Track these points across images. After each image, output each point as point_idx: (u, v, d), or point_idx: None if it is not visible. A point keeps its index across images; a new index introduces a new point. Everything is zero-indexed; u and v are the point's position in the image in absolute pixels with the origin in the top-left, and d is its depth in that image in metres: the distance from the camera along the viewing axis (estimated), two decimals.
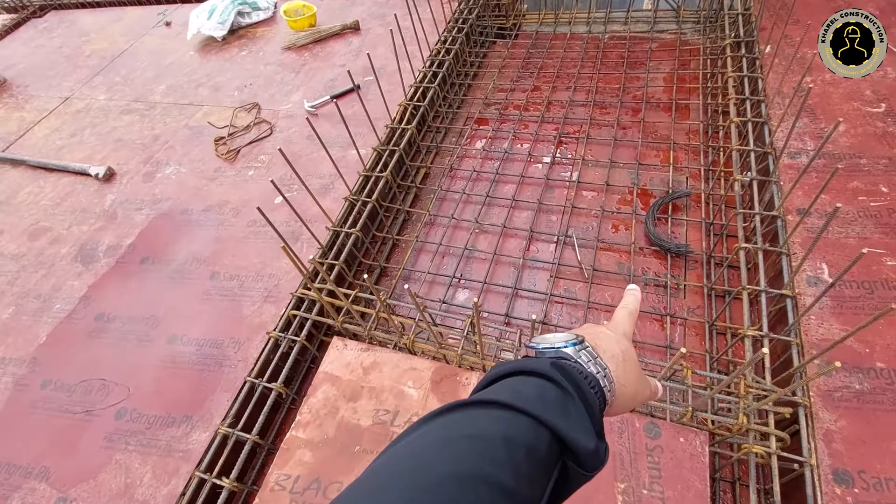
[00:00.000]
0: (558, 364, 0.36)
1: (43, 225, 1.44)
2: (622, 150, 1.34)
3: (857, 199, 0.96)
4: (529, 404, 0.32)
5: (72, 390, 1.04)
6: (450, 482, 0.26)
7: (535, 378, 0.35)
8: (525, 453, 0.29)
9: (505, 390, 0.34)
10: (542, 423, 0.31)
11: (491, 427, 0.30)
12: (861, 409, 0.73)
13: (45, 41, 2.50)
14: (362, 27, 1.92)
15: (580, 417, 0.33)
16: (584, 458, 0.32)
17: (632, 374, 0.41)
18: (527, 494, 0.28)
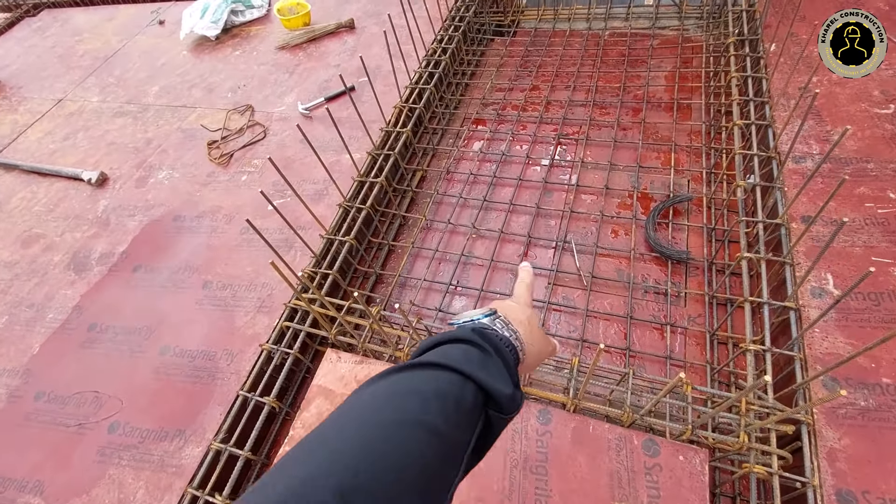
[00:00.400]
0: (478, 330, 0.43)
1: (36, 232, 1.43)
2: (622, 152, 1.31)
3: (864, 205, 0.93)
4: (456, 363, 0.38)
5: (65, 402, 1.03)
6: (394, 425, 0.32)
7: (460, 344, 0.42)
8: (454, 404, 0.35)
9: (436, 355, 0.40)
10: (468, 378, 0.37)
11: (427, 384, 0.36)
12: (866, 426, 0.71)
13: (39, 41, 2.47)
14: (357, 25, 1.88)
15: (499, 371, 0.40)
16: (503, 402, 0.38)
17: (536, 335, 0.50)
18: (456, 437, 0.35)
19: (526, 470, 0.76)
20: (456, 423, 0.35)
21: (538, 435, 0.78)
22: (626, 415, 0.74)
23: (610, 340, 1.00)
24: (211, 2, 1.98)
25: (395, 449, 0.31)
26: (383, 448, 0.31)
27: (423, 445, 0.32)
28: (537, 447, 0.77)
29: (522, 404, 0.42)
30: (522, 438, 0.79)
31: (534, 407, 0.81)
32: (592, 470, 0.74)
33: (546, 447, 0.77)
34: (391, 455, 0.30)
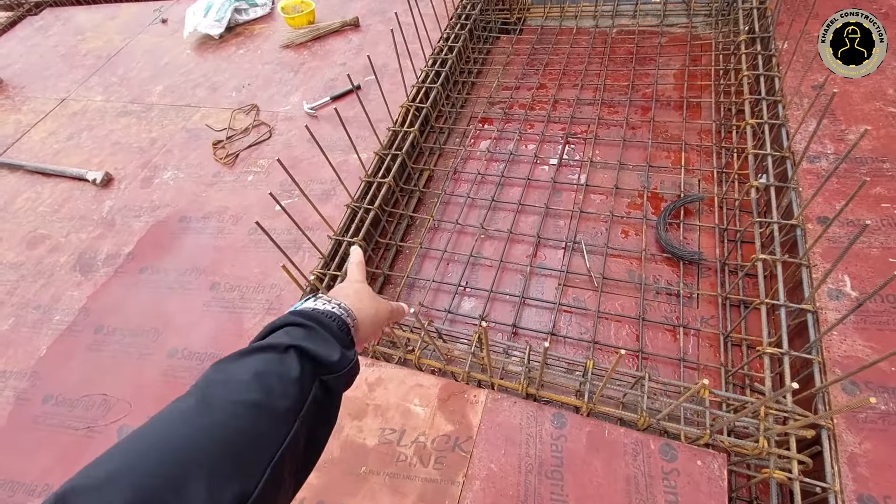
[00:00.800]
0: (297, 312, 0.46)
1: (41, 232, 1.42)
2: (631, 152, 1.30)
3: (880, 206, 0.92)
4: (276, 340, 0.41)
5: (73, 405, 1.02)
6: (222, 403, 0.35)
7: (283, 328, 0.44)
8: (276, 377, 0.38)
9: (255, 343, 0.43)
10: (289, 349, 0.40)
11: (246, 370, 0.38)
12: (887, 430, 0.70)
13: (41, 40, 2.46)
14: (362, 23, 1.87)
15: (323, 339, 0.44)
16: (332, 364, 0.42)
17: (367, 302, 0.55)
18: (280, 405, 0.37)
19: (541, 475, 0.75)
20: (282, 394, 0.37)
21: (553, 439, 0.78)
22: (642, 419, 0.74)
23: (622, 342, 0.99)
24: (214, 0, 1.96)
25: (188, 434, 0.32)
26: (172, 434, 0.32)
27: (232, 421, 0.34)
28: (552, 451, 0.77)
29: (357, 363, 0.46)
30: (537, 442, 0.78)
31: (547, 410, 0.80)
32: (609, 475, 0.73)
33: (561, 451, 0.76)
34: (177, 440, 0.32)
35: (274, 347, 0.40)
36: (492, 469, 0.77)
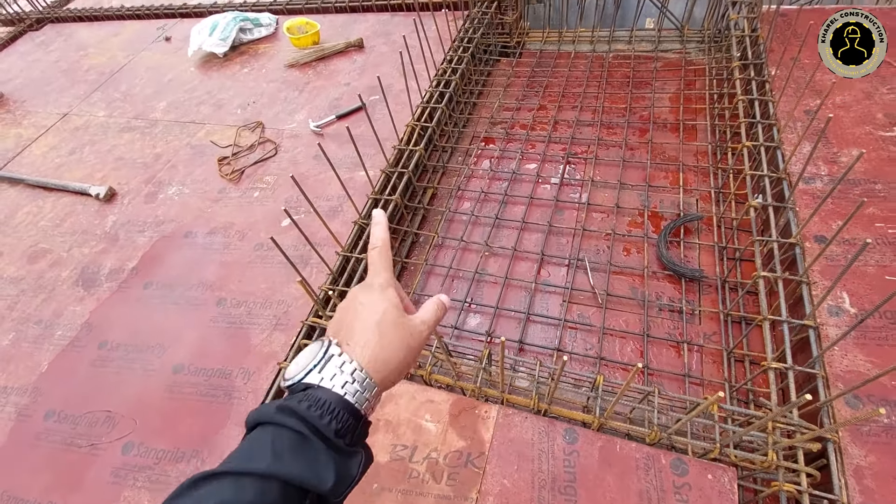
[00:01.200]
0: (287, 408, 0.37)
1: (42, 247, 1.41)
2: (631, 172, 1.33)
3: (874, 225, 0.95)
4: (255, 462, 0.34)
5: (76, 422, 1.00)
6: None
7: (269, 427, 0.37)
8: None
9: (239, 453, 0.37)
10: (270, 477, 0.34)
11: (210, 500, 0.32)
12: (890, 443, 0.72)
13: (43, 55, 2.47)
14: (366, 45, 1.91)
15: (314, 457, 0.36)
16: (325, 494, 0.35)
17: (393, 339, 0.43)
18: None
19: (555, 490, 0.75)
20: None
21: (565, 454, 0.78)
22: (652, 433, 0.75)
23: (627, 358, 1.01)
24: (220, 19, 2.00)
25: None
26: None
27: None
28: (565, 467, 0.77)
29: (367, 459, 0.39)
30: (549, 458, 0.78)
31: (559, 426, 0.81)
32: (622, 490, 0.74)
33: (574, 467, 0.77)
34: None
35: (251, 473, 0.34)
36: (505, 485, 0.77)
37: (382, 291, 0.46)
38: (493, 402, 0.87)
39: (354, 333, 0.43)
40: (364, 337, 0.42)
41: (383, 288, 0.46)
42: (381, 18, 2.06)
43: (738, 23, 1.41)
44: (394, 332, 0.43)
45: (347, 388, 0.39)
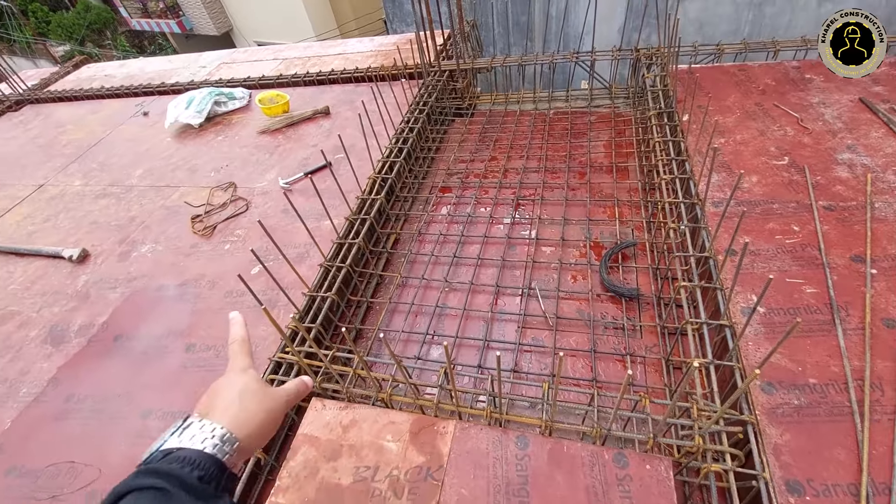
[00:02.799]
0: (145, 471, 0.41)
1: (11, 310, 1.43)
2: (573, 209, 1.48)
3: (775, 237, 1.09)
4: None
5: (37, 475, 1.00)
6: None
7: (129, 496, 0.39)
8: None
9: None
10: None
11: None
12: (802, 422, 0.80)
13: (21, 133, 2.58)
14: (332, 111, 2.09)
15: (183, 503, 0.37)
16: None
17: (252, 405, 0.48)
18: None
19: (509, 494, 0.80)
20: None
21: (517, 459, 0.83)
22: (595, 430, 0.81)
23: (578, 374, 1.08)
24: (196, 94, 2.17)
25: None
26: None
27: None
28: (517, 471, 0.82)
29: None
30: (503, 464, 0.83)
31: (512, 434, 0.87)
32: (570, 487, 0.79)
33: (525, 470, 0.82)
34: None
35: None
36: (462, 494, 0.81)
37: (243, 372, 0.53)
38: (451, 418, 0.92)
39: (216, 405, 0.47)
40: (224, 404, 0.47)
41: (244, 370, 0.53)
42: (346, 89, 2.27)
43: (653, 80, 1.64)
44: (253, 397, 0.49)
45: (207, 444, 0.42)
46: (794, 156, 1.31)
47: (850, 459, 0.75)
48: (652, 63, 1.75)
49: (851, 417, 0.79)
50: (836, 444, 0.77)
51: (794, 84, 1.57)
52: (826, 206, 1.15)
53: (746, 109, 1.51)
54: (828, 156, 1.28)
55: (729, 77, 1.67)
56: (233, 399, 0.49)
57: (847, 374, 0.84)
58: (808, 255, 1.05)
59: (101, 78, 3.14)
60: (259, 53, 2.95)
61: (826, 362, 0.87)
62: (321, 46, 2.85)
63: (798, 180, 1.23)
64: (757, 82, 1.62)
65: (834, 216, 1.12)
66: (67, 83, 3.19)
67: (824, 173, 1.23)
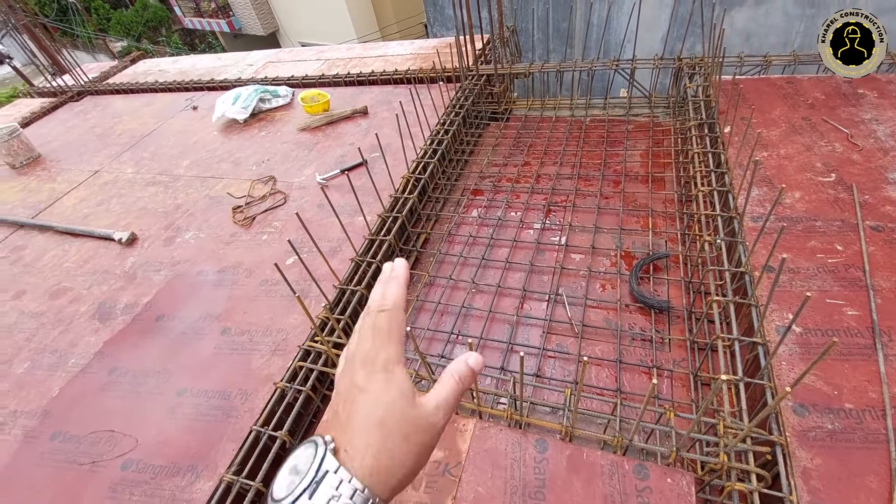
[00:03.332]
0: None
1: (64, 285, 1.53)
2: (605, 217, 1.46)
3: (816, 256, 1.06)
4: None
5: (80, 442, 1.06)
6: None
7: None
8: None
9: None
10: None
11: None
12: (834, 447, 0.77)
13: (80, 122, 2.75)
14: (370, 111, 2.14)
15: None
16: None
17: (402, 444, 0.36)
18: None
19: (525, 495, 0.80)
20: None
21: (536, 462, 0.84)
22: (616, 439, 0.81)
23: (602, 383, 1.07)
24: (242, 91, 2.26)
25: None
26: None
27: None
28: (535, 474, 0.82)
29: None
30: (521, 466, 0.84)
31: (531, 437, 0.87)
32: (587, 494, 0.78)
33: (543, 473, 0.82)
34: None
35: None
36: (479, 491, 0.82)
37: (388, 373, 0.39)
38: (472, 417, 0.93)
39: (354, 433, 0.36)
40: (365, 440, 0.36)
41: (389, 367, 0.39)
42: (385, 90, 2.32)
43: (695, 90, 1.61)
44: (401, 429, 0.37)
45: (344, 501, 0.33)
46: (841, 173, 1.26)
47: (882, 488, 0.72)
48: (695, 73, 1.72)
49: (887, 445, 0.76)
50: (868, 471, 0.74)
51: (846, 99, 1.51)
52: (873, 226, 1.10)
53: (793, 123, 1.46)
54: (878, 174, 1.23)
55: (776, 90, 1.62)
56: (375, 431, 0.36)
57: (886, 400, 0.81)
58: (851, 276, 1.01)
59: (155, 73, 3.31)
60: (303, 54, 3.04)
61: (864, 387, 0.84)
62: (362, 48, 2.92)
63: (844, 198, 1.19)
64: (806, 96, 1.57)
65: (881, 237, 1.07)
66: (125, 77, 3.38)
67: (873, 192, 1.18)
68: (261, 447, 0.96)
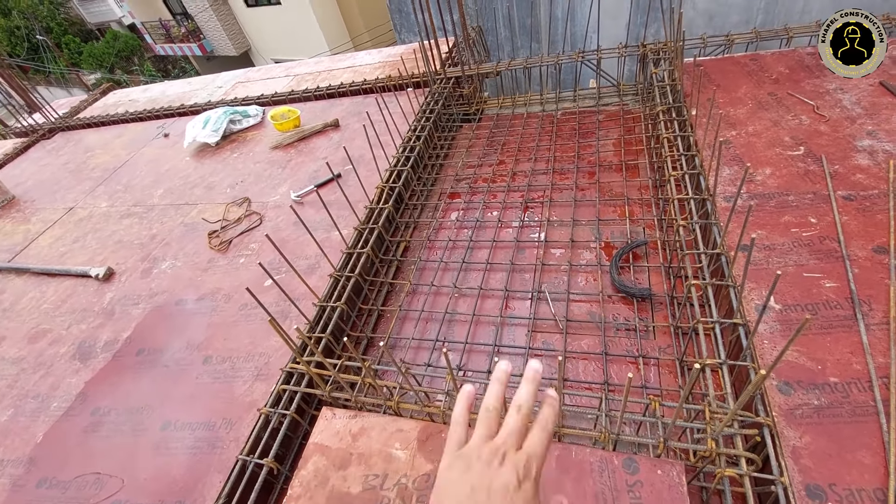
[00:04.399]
0: None
1: (43, 328, 1.50)
2: (583, 209, 1.46)
3: (790, 231, 1.05)
4: None
5: (66, 487, 1.04)
6: None
7: None
8: None
9: None
10: None
11: None
12: (822, 423, 0.77)
13: (53, 159, 2.72)
14: (342, 124, 2.13)
15: None
16: None
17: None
18: None
19: None
20: None
21: None
22: (603, 434, 0.80)
23: (589, 377, 1.06)
24: (212, 114, 2.24)
25: None
26: None
27: None
28: None
29: None
30: None
31: None
32: (579, 493, 0.77)
33: None
34: None
35: None
36: None
37: None
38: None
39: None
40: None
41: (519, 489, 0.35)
42: (355, 101, 2.31)
43: (661, 75, 1.61)
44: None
45: None
46: (810, 145, 1.26)
47: (876, 462, 0.71)
48: (660, 58, 1.72)
49: (877, 417, 0.75)
50: (860, 446, 0.73)
51: (810, 71, 1.51)
52: (845, 195, 1.10)
53: (759, 100, 1.46)
54: (846, 143, 1.23)
55: (740, 68, 1.63)
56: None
57: (871, 371, 0.80)
58: (826, 248, 1.01)
59: (125, 103, 3.28)
60: (272, 71, 3.03)
61: (848, 360, 0.83)
62: (331, 61, 2.91)
63: (815, 170, 1.19)
64: (770, 71, 1.58)
65: (854, 206, 1.07)
66: (95, 109, 3.34)
67: (843, 162, 1.18)
68: (248, 476, 0.94)
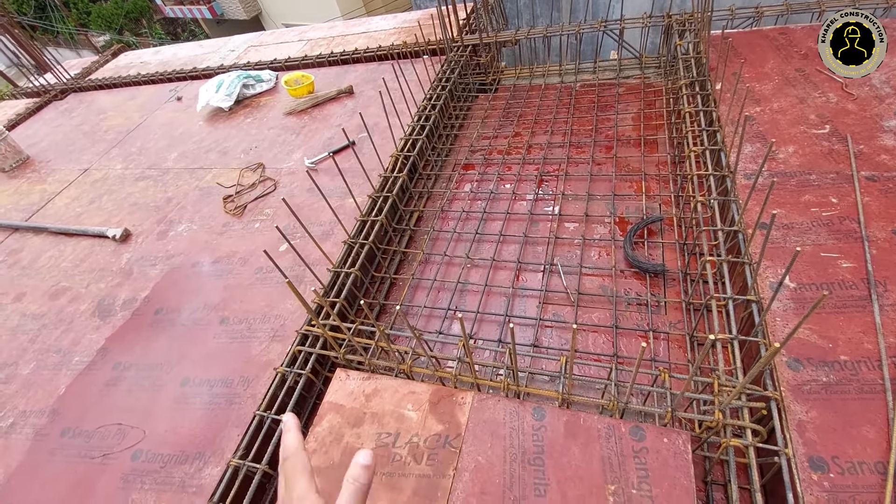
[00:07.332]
0: None
1: (63, 285, 1.54)
2: (598, 184, 1.45)
3: (810, 210, 1.04)
4: None
5: (90, 436, 1.08)
6: None
7: None
8: None
9: None
10: None
11: None
12: (829, 399, 0.78)
13: (66, 120, 2.71)
14: (356, 91, 2.10)
15: None
16: None
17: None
18: None
19: (524, 462, 0.81)
20: None
21: (533, 430, 0.85)
22: (612, 402, 0.81)
23: (599, 349, 1.08)
24: (225, 78, 2.22)
25: None
26: None
27: None
28: (533, 441, 0.83)
29: None
30: (520, 434, 0.85)
31: (528, 405, 0.88)
32: (585, 458, 0.80)
33: (542, 440, 0.83)
34: None
35: None
36: (479, 461, 0.83)
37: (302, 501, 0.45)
38: (470, 390, 0.94)
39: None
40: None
41: (302, 498, 0.46)
42: (370, 67, 2.27)
43: (685, 48, 1.56)
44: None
45: None
46: (836, 124, 1.23)
47: (879, 437, 0.73)
48: (685, 30, 1.66)
49: (883, 395, 0.76)
50: (864, 421, 0.75)
51: None
52: (869, 176, 1.08)
53: (786, 76, 1.42)
54: (873, 123, 1.20)
55: (768, 42, 1.57)
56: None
57: (882, 350, 0.81)
58: (845, 228, 1.00)
59: (137, 65, 3.25)
60: (285, 35, 2.97)
61: (859, 339, 0.83)
62: (345, 25, 2.85)
63: (839, 150, 1.16)
64: (799, 46, 1.52)
65: (877, 187, 1.06)
66: (107, 71, 3.32)
67: (868, 142, 1.16)
68: (265, 431, 0.97)
